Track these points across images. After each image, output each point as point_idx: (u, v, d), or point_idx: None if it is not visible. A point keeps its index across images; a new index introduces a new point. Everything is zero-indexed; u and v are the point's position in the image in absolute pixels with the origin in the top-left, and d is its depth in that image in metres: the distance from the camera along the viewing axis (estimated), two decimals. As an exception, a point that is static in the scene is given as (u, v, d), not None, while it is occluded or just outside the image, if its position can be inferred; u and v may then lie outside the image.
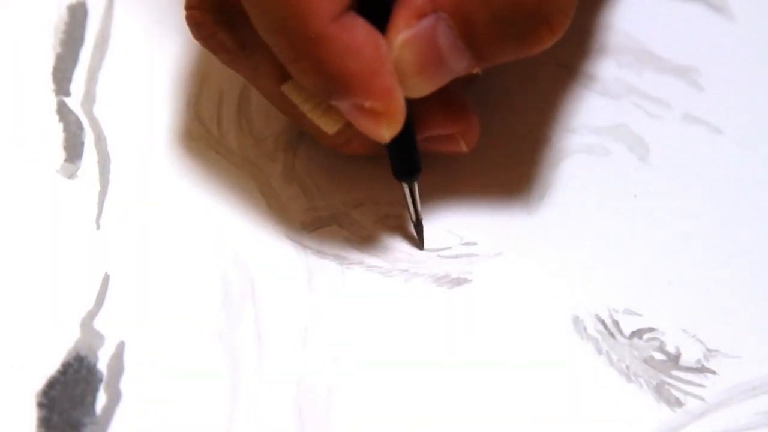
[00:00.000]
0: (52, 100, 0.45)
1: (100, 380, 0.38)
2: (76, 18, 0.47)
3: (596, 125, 0.45)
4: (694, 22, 0.49)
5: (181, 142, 0.44)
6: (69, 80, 0.45)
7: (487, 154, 0.44)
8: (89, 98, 0.45)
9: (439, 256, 0.42)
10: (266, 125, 0.44)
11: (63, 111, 0.44)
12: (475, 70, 0.38)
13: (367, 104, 0.36)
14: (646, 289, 0.41)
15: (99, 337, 0.39)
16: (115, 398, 0.38)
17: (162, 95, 0.45)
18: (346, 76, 0.36)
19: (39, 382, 0.38)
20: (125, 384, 0.38)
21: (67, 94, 0.45)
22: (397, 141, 0.38)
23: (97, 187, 0.42)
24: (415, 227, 0.42)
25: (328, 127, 0.40)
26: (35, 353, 0.38)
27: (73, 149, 0.43)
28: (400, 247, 0.42)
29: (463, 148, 0.42)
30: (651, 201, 0.44)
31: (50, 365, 0.38)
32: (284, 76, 0.39)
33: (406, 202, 0.41)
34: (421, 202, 0.41)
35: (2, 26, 0.47)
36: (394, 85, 0.37)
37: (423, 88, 0.38)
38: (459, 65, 0.37)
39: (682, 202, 0.44)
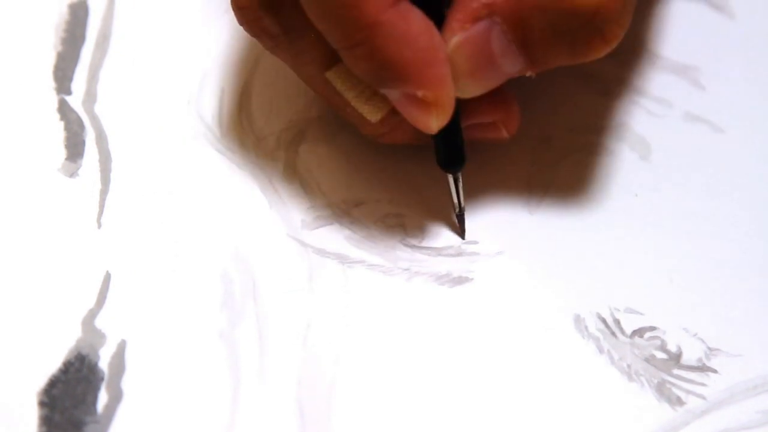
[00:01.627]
0: (53, 99, 0.45)
1: (102, 379, 0.38)
2: (78, 16, 0.47)
3: (597, 124, 0.45)
4: (695, 21, 0.49)
5: (182, 141, 0.44)
6: (70, 79, 0.45)
7: (487, 153, 0.44)
8: (90, 97, 0.45)
9: (440, 254, 0.42)
10: (267, 124, 0.44)
11: (64, 109, 0.44)
12: (528, 74, 0.38)
13: (420, 93, 0.37)
14: (647, 288, 0.41)
15: (100, 336, 0.39)
16: (116, 397, 0.38)
17: (163, 94, 0.45)
18: (401, 64, 0.36)
19: (40, 380, 0.38)
20: (126, 383, 0.38)
21: (68, 92, 0.45)
22: (443, 131, 0.38)
23: (98, 186, 0.42)
24: (457, 217, 0.42)
25: (372, 115, 0.40)
26: (37, 352, 0.38)
27: (74, 148, 0.43)
28: (401, 246, 0.42)
29: (505, 134, 0.42)
30: (652, 200, 0.44)
31: (52, 364, 0.38)
32: (328, 63, 0.39)
33: (450, 192, 0.42)
34: (426, 199, 0.41)
35: (3, 25, 0.47)
36: (446, 75, 0.37)
37: (474, 90, 0.38)
38: (512, 69, 0.38)
39: (683, 201, 0.44)
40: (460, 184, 0.42)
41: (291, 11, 0.38)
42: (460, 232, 0.42)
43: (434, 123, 0.37)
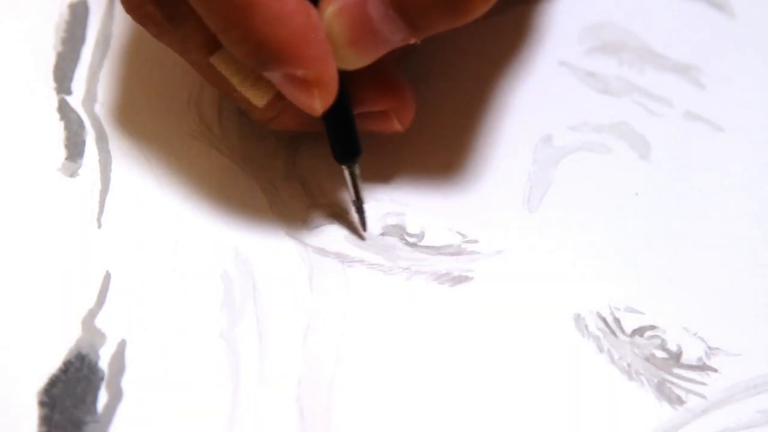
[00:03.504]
0: (53, 99, 0.45)
1: (102, 379, 0.38)
2: (78, 16, 0.47)
3: (597, 123, 0.45)
4: (695, 20, 0.49)
5: (182, 141, 0.44)
6: (70, 79, 0.45)
7: (486, 152, 0.44)
8: (90, 97, 0.45)
9: (440, 253, 0.42)
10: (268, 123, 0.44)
11: (64, 109, 0.44)
12: (412, 41, 0.37)
13: (299, 73, 0.36)
14: (647, 287, 0.41)
15: (100, 336, 0.39)
16: (116, 397, 0.38)
17: (163, 94, 0.45)
18: (277, 44, 0.36)
19: (40, 380, 0.38)
20: (126, 382, 0.38)
21: (69, 92, 0.45)
22: (335, 122, 0.38)
23: (99, 186, 0.42)
24: (356, 211, 0.42)
25: (258, 99, 0.40)
26: (37, 352, 0.38)
27: (75, 148, 0.43)
28: (401, 245, 0.42)
29: (397, 126, 0.42)
30: (652, 199, 0.44)
31: (52, 364, 0.38)
32: (213, 48, 0.39)
33: (347, 185, 0.41)
34: (426, 198, 0.41)
35: (3, 24, 0.47)
36: (326, 53, 0.36)
37: (356, 60, 0.37)
38: (394, 36, 0.37)
39: (683, 200, 0.44)
40: (358, 177, 0.41)
41: None
42: (361, 226, 0.42)
43: (317, 103, 0.37)
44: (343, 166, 0.41)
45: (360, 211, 0.42)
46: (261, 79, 0.39)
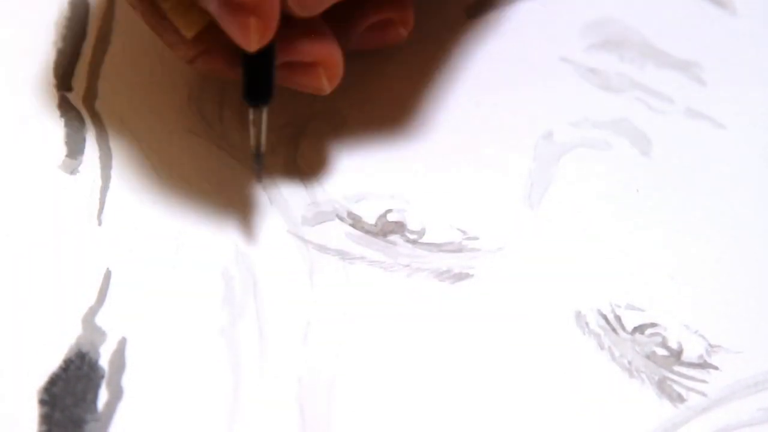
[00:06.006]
0: (53, 95, 0.45)
1: (102, 377, 0.38)
2: (78, 13, 0.47)
3: (598, 119, 0.45)
4: (696, 17, 0.49)
5: (182, 137, 0.44)
6: (70, 75, 0.45)
7: (488, 148, 0.44)
8: (91, 93, 0.45)
9: (441, 250, 0.42)
10: (268, 120, 0.44)
11: (64, 106, 0.44)
12: None
13: None
14: (648, 284, 0.41)
15: (101, 334, 0.39)
16: (116, 395, 0.38)
17: (164, 90, 0.45)
18: None
19: (40, 378, 0.38)
20: (127, 380, 0.38)
21: (69, 89, 0.45)
22: (255, 59, 0.36)
23: (99, 183, 0.42)
24: (255, 158, 0.41)
25: (187, 29, 0.38)
26: (37, 350, 0.38)
27: (75, 145, 0.43)
28: (401, 242, 0.42)
29: (324, 83, 0.40)
30: (653, 195, 0.44)
31: (52, 362, 0.38)
32: None
33: (251, 130, 0.40)
34: (427, 195, 0.41)
35: (3, 21, 0.47)
36: None
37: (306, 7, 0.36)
38: None
39: (684, 197, 0.44)
40: (263, 122, 0.39)
41: None
42: (258, 175, 0.42)
43: (254, 37, 0.35)
44: (251, 108, 0.39)
45: (259, 160, 0.41)
46: (193, 7, 0.37)
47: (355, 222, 0.42)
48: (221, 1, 0.35)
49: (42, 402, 0.37)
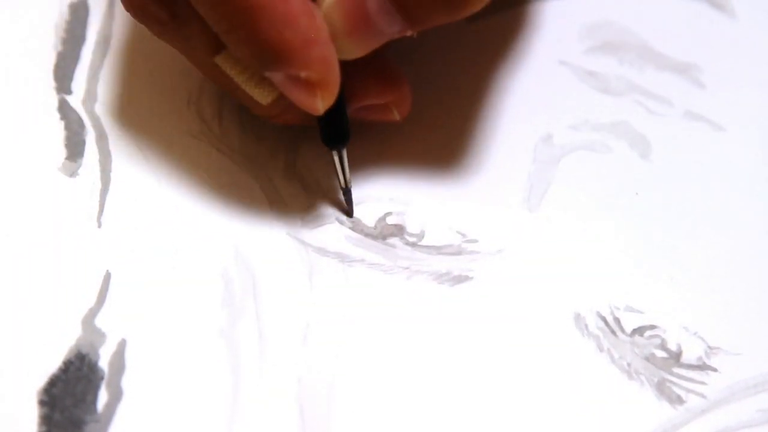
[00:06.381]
0: (53, 98, 0.45)
1: (102, 378, 0.38)
2: (78, 16, 0.47)
3: (598, 122, 0.45)
4: (695, 20, 0.49)
5: (182, 140, 0.44)
6: (70, 78, 0.45)
7: (487, 151, 0.44)
8: (91, 96, 0.45)
9: (440, 253, 0.42)
10: (267, 122, 0.44)
11: (64, 109, 0.44)
12: (409, 33, 0.38)
13: (303, 74, 0.36)
14: (647, 286, 0.41)
15: (100, 335, 0.39)
16: (116, 396, 0.38)
17: (163, 93, 0.45)
18: (282, 46, 0.36)
19: (40, 379, 0.38)
20: (126, 382, 0.38)
21: (69, 92, 0.45)
22: (328, 109, 0.38)
23: (99, 185, 0.42)
24: (344, 194, 0.42)
25: (263, 98, 0.40)
26: (37, 351, 0.38)
27: (75, 147, 0.43)
28: (401, 245, 0.42)
29: (396, 117, 0.42)
30: (652, 198, 0.44)
31: (52, 363, 0.38)
32: (218, 48, 0.39)
33: (336, 170, 0.42)
34: (426, 198, 0.41)
35: (3, 24, 0.47)
36: (330, 55, 0.37)
37: (354, 51, 0.38)
38: (390, 28, 0.37)
39: (683, 200, 0.44)
40: (345, 161, 0.41)
41: None
42: (348, 210, 0.43)
43: (320, 104, 0.37)
44: (333, 152, 0.41)
45: (348, 195, 0.42)
46: (265, 78, 0.39)
47: (355, 225, 0.42)
48: (287, 78, 0.37)
49: (42, 403, 0.37)
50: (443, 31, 0.43)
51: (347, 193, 0.42)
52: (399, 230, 0.42)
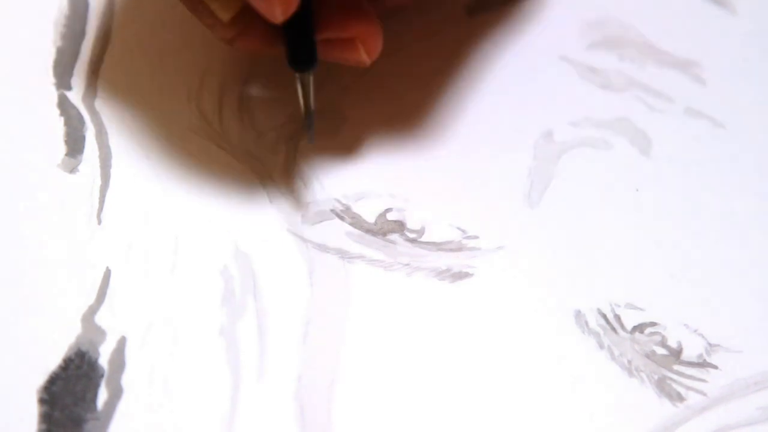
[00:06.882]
0: (53, 94, 0.44)
1: (102, 376, 0.38)
2: (77, 11, 0.47)
3: (598, 118, 0.45)
4: (696, 16, 0.49)
5: (182, 136, 0.44)
6: (70, 74, 0.45)
7: (488, 147, 0.44)
8: (90, 92, 0.45)
9: (440, 249, 0.42)
10: (268, 118, 0.44)
11: (64, 105, 0.44)
12: None
13: None
14: (647, 283, 0.41)
15: (100, 333, 0.39)
16: (116, 394, 0.38)
17: (163, 89, 0.45)
18: None
19: (40, 377, 0.38)
20: (126, 379, 0.38)
21: (69, 88, 0.45)
22: (293, 28, 0.38)
23: (99, 182, 0.42)
24: (306, 120, 0.42)
25: (223, 12, 0.39)
26: (36, 349, 0.38)
27: (75, 143, 0.43)
28: (401, 241, 0.42)
29: (364, 56, 0.41)
30: (653, 195, 0.44)
31: (51, 361, 0.38)
32: None
33: (299, 94, 0.41)
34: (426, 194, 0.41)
35: (3, 20, 0.46)
36: None
37: None
38: None
39: (683, 196, 0.44)
40: (311, 87, 0.41)
41: None
42: (309, 136, 0.43)
43: (277, 9, 0.36)
44: (296, 74, 0.40)
45: (310, 121, 0.42)
46: None
47: (355, 221, 0.42)
48: None
49: (42, 401, 0.37)
50: (444, 26, 0.43)
51: (309, 119, 0.42)
52: (399, 226, 0.42)
